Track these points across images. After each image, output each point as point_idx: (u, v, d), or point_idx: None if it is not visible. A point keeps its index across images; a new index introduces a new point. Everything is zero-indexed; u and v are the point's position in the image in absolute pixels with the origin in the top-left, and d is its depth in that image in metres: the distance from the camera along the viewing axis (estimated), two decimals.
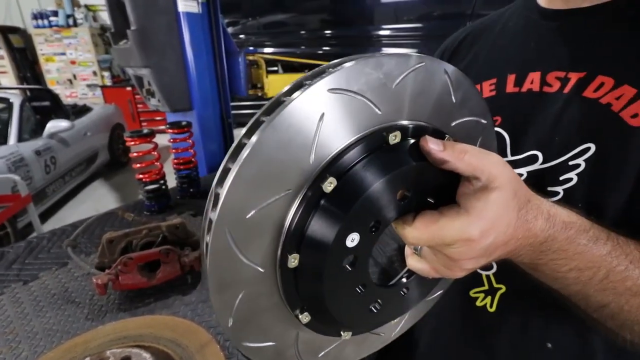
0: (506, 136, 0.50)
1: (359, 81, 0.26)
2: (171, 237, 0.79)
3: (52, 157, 3.07)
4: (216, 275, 0.27)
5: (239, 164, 0.24)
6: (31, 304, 0.71)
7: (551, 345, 0.49)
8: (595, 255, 0.33)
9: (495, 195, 0.28)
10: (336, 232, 0.27)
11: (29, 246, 0.93)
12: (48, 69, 6.27)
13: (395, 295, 0.36)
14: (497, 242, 0.29)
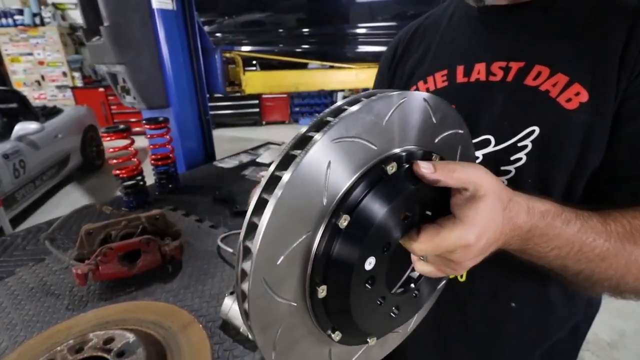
0: None
1: (355, 127, 0.30)
2: (151, 228, 0.80)
3: (21, 161, 2.95)
4: (258, 318, 0.30)
5: (266, 220, 0.27)
6: (8, 298, 0.71)
7: (515, 304, 0.55)
8: (570, 234, 0.38)
9: (483, 203, 0.33)
10: (356, 260, 0.30)
11: (3, 244, 0.91)
12: (14, 69, 5.99)
13: (409, 298, 0.40)
14: (490, 241, 0.34)
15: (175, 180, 1.29)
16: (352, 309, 0.33)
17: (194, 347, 0.55)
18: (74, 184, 4.07)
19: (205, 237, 0.94)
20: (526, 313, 0.56)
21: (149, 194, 1.18)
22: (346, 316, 0.33)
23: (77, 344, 0.52)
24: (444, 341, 0.63)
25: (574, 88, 0.45)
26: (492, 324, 0.58)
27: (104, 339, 0.53)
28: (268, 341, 0.31)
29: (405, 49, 0.67)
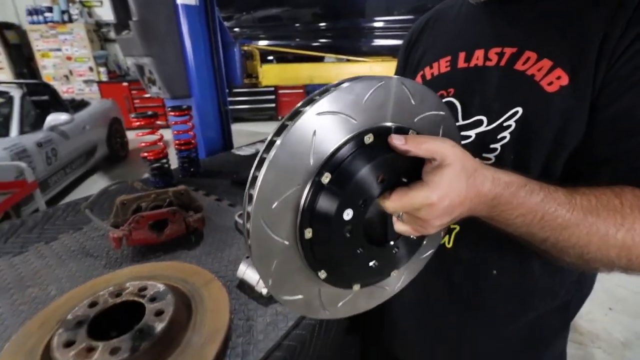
0: (458, 105, 0.60)
1: (338, 103, 0.37)
2: (176, 202, 0.89)
3: (53, 149, 3.15)
4: (257, 250, 0.37)
5: (263, 172, 0.34)
6: (54, 258, 0.81)
7: (496, 272, 0.59)
8: (533, 203, 0.42)
9: (447, 170, 0.38)
10: (335, 209, 0.37)
11: (46, 215, 1.02)
12: (44, 64, 6.30)
13: (388, 253, 0.46)
14: (453, 203, 0.38)
15: (196, 164, 1.38)
16: (333, 252, 0.40)
17: (214, 299, 0.63)
18: (100, 173, 4.28)
19: (224, 214, 1.02)
20: (507, 282, 0.60)
21: (173, 176, 1.28)
22: (328, 257, 0.40)
23: (116, 290, 0.61)
24: (429, 302, 0.68)
25: (556, 72, 0.49)
26: (475, 289, 0.62)
27: (138, 287, 0.61)
28: (266, 271, 0.38)
29: (417, 38, 0.72)
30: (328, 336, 0.69)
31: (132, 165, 4.68)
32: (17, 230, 0.94)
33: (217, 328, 0.57)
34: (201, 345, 0.54)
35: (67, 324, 0.54)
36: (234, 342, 0.58)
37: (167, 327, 0.53)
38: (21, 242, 0.89)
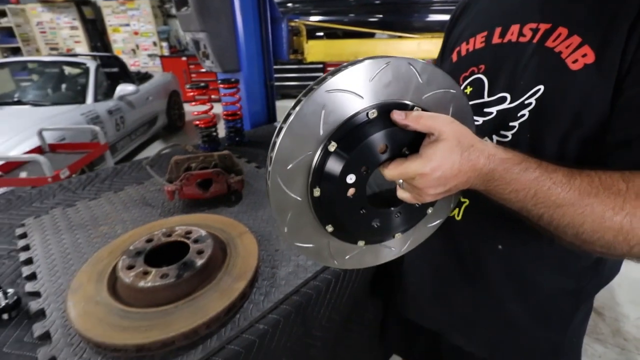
0: (485, 81, 0.60)
1: (346, 82, 0.42)
2: (220, 165, 1.00)
3: (121, 117, 3.50)
4: (275, 203, 0.44)
5: (280, 138, 0.41)
6: (121, 204, 0.97)
7: (501, 247, 0.61)
8: (526, 179, 0.43)
9: (442, 144, 0.41)
10: (339, 173, 0.43)
11: (115, 170, 1.20)
12: (115, 39, 6.86)
13: (391, 217, 0.51)
14: (446, 175, 0.41)
15: (241, 134, 1.49)
16: (337, 209, 0.45)
17: (246, 247, 0.73)
18: (159, 141, 4.67)
19: (262, 180, 1.12)
20: (511, 257, 0.61)
21: (220, 143, 1.40)
22: (334, 214, 0.46)
23: (168, 231, 0.73)
24: (441, 273, 0.72)
25: (583, 49, 0.48)
26: (481, 263, 0.64)
27: (185, 231, 0.73)
28: (282, 220, 0.45)
29: (461, 12, 0.73)
30: (343, 293, 0.76)
31: (187, 135, 5.04)
32: (93, 181, 1.12)
33: (246, 270, 0.67)
34: (231, 282, 0.64)
35: (129, 253, 0.66)
36: (259, 284, 0.68)
37: (205, 263, 0.64)
38: (96, 190, 1.07)
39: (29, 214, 0.94)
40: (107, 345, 0.52)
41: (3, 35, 6.88)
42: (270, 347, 0.61)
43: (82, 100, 3.25)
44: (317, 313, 0.70)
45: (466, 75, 0.64)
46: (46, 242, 0.80)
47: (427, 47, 1.94)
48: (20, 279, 0.71)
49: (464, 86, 0.64)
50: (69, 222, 0.88)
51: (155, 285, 0.59)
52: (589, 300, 0.68)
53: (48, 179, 1.74)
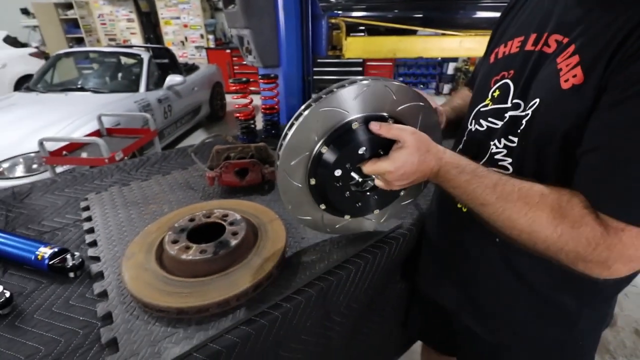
0: (511, 87, 0.62)
1: (335, 101, 0.57)
2: (257, 155, 1.07)
3: (169, 106, 3.74)
4: (282, 188, 0.63)
5: (285, 143, 0.58)
6: (168, 186, 1.07)
7: (499, 240, 0.64)
8: (460, 180, 0.55)
9: (405, 150, 0.55)
10: (329, 168, 0.59)
11: (163, 155, 1.32)
12: (166, 31, 7.25)
13: (370, 198, 0.68)
14: (408, 172, 0.55)
15: (277, 127, 1.56)
16: (328, 194, 0.63)
17: (275, 233, 0.80)
18: (202, 130, 4.92)
19: None
20: (508, 250, 0.63)
21: (257, 135, 1.48)
22: (326, 197, 0.64)
23: (207, 213, 0.81)
24: (447, 253, 0.78)
25: (575, 70, 0.49)
26: (482, 251, 0.68)
27: (222, 214, 0.80)
28: (287, 199, 0.65)
29: (509, 11, 0.73)
30: (363, 284, 0.80)
31: (227, 125, 5.27)
32: (145, 164, 1.25)
33: (274, 253, 0.73)
34: (261, 262, 0.71)
35: (174, 229, 0.75)
36: (285, 266, 0.74)
37: (239, 243, 0.71)
38: (147, 172, 1.19)
39: (91, 189, 1.07)
40: (153, 306, 0.61)
41: (69, 26, 7.53)
42: (292, 325, 0.67)
43: (136, 88, 3.50)
44: (336, 299, 0.75)
45: (497, 78, 0.65)
46: (105, 215, 0.92)
47: (469, 45, 1.88)
48: (83, 245, 0.82)
49: (494, 90, 0.65)
50: (124, 199, 1.00)
51: (195, 259, 0.67)
52: (597, 305, 0.67)
53: (105, 160, 1.94)
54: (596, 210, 0.46)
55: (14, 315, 0.63)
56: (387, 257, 0.83)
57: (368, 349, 0.97)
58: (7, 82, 5.07)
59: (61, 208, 0.98)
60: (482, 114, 0.67)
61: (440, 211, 0.81)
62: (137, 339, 0.58)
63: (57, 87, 3.59)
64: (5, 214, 0.94)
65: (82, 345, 0.58)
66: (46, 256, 0.71)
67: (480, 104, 0.68)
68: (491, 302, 0.71)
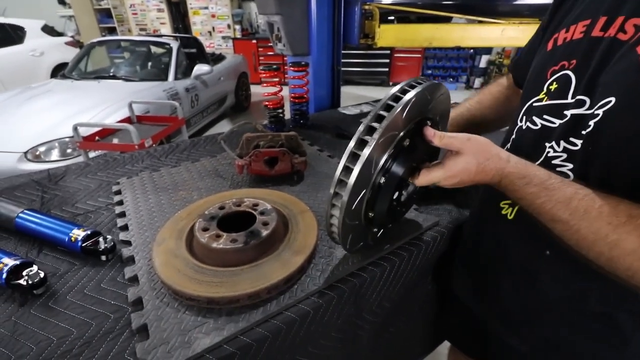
0: (573, 79, 0.54)
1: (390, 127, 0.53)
2: (287, 144, 1.04)
3: (196, 95, 3.78)
4: (342, 234, 0.59)
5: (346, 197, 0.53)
6: (197, 173, 1.06)
7: (549, 252, 0.58)
8: (525, 192, 0.51)
9: (461, 158, 0.53)
10: (388, 195, 0.59)
11: (192, 142, 1.31)
12: (194, 21, 7.34)
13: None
14: (464, 180, 0.54)
15: (305, 117, 1.53)
16: (386, 218, 0.65)
17: (307, 225, 0.76)
18: (227, 119, 4.97)
19: (323, 162, 1.15)
20: (558, 264, 0.57)
21: (285, 124, 1.45)
22: (382, 222, 0.66)
23: (237, 202, 0.79)
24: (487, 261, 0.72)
25: None
26: (528, 263, 0.62)
27: (253, 203, 0.78)
28: (345, 242, 0.62)
29: None
30: (397, 282, 0.76)
31: (252, 116, 5.30)
32: (174, 151, 1.25)
33: (305, 246, 0.70)
34: (291, 255, 0.68)
35: (205, 216, 0.73)
36: (317, 261, 0.71)
37: (269, 234, 0.69)
38: (176, 159, 1.19)
39: (123, 174, 1.08)
40: (184, 294, 0.59)
41: (102, 16, 7.76)
42: (323, 321, 0.64)
43: (165, 77, 3.56)
44: (369, 297, 0.72)
45: (555, 69, 0.57)
46: (136, 200, 0.92)
47: (512, 34, 1.76)
48: (115, 229, 0.82)
49: (550, 82, 0.58)
50: (154, 184, 0.99)
51: (225, 248, 0.65)
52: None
53: (135, 146, 1.97)
54: None
55: (47, 296, 0.63)
56: (424, 255, 0.78)
57: (394, 348, 0.93)
58: (45, 70, 5.28)
59: (94, 191, 0.99)
60: (535, 109, 0.60)
61: (483, 215, 0.74)
62: (167, 327, 0.56)
63: (91, 74, 3.70)
64: (41, 194, 0.96)
65: (113, 329, 0.57)
66: (79, 238, 0.71)
67: (533, 97, 0.61)
68: (533, 317, 0.66)
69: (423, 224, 0.82)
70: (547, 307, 0.63)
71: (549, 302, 0.62)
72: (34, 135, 2.43)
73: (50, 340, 0.55)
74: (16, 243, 0.77)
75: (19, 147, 2.36)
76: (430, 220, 0.83)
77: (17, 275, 0.63)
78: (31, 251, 0.75)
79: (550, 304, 0.62)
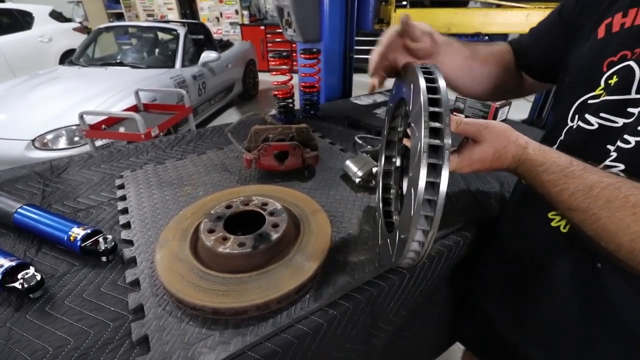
0: (637, 71, 0.47)
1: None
2: (297, 137, 0.98)
3: (203, 82, 3.72)
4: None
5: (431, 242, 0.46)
6: (203, 166, 1.01)
7: (600, 265, 0.52)
8: (542, 180, 0.49)
9: (477, 148, 0.51)
10: None
11: (199, 134, 1.26)
12: (202, 7, 7.21)
13: None
14: (479, 168, 0.52)
15: (316, 108, 1.46)
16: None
17: (319, 226, 0.71)
18: (234, 108, 4.91)
19: (335, 156, 1.09)
20: (609, 279, 0.52)
21: (295, 115, 1.39)
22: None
23: (245, 200, 0.73)
24: (518, 273, 0.68)
25: None
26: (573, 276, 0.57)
27: (262, 202, 0.73)
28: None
29: None
30: (415, 290, 0.71)
31: (259, 104, 5.22)
32: (180, 142, 1.20)
33: (319, 251, 0.65)
34: (303, 260, 0.63)
35: (210, 216, 0.68)
36: (331, 267, 0.66)
37: (280, 237, 0.63)
38: (182, 151, 1.14)
39: (127, 167, 1.03)
40: (187, 303, 0.55)
41: (110, 2, 7.68)
42: (337, 333, 0.60)
43: (172, 64, 3.50)
44: (386, 306, 0.67)
45: (614, 60, 0.50)
46: (139, 195, 0.87)
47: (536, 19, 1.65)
48: (117, 226, 0.78)
49: (609, 75, 0.50)
50: (159, 178, 0.95)
51: (233, 253, 0.60)
52: None
53: (142, 135, 1.93)
54: None
55: (44, 300, 0.60)
56: (445, 260, 0.73)
57: (406, 351, 0.89)
58: (53, 56, 5.26)
59: (96, 185, 0.94)
60: (590, 107, 0.53)
61: (527, 226, 0.67)
62: (170, 339, 0.52)
63: (98, 61, 3.66)
64: (42, 188, 0.92)
65: (112, 340, 0.53)
66: (79, 237, 0.67)
67: (588, 94, 0.53)
68: (570, 336, 0.60)
69: (447, 227, 0.76)
70: (587, 325, 0.57)
71: (580, 317, 0.57)
72: (42, 123, 2.40)
73: (46, 350, 0.51)
74: (15, 240, 0.74)
75: (26, 134, 2.34)
76: (455, 225, 0.77)
77: (13, 276, 0.60)
78: (29, 249, 0.71)
79: (579, 319, 0.58)
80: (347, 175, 0.93)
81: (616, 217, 0.41)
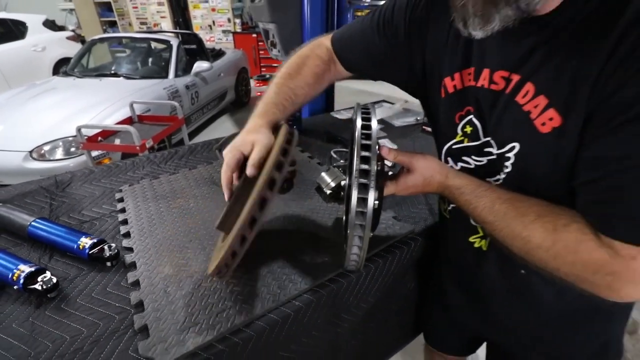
0: (478, 124, 0.60)
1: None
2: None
3: (196, 92, 3.83)
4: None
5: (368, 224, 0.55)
6: (194, 180, 1.14)
7: (524, 271, 0.64)
8: (462, 200, 0.59)
9: (410, 176, 0.63)
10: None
11: (190, 149, 1.39)
12: (194, 15, 7.33)
13: None
14: (412, 192, 0.65)
15: (299, 122, 1.60)
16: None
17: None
18: (227, 115, 5.02)
19: (312, 170, 1.22)
20: (533, 281, 0.64)
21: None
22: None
23: None
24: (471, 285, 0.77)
25: (549, 112, 0.48)
26: (509, 282, 0.68)
27: None
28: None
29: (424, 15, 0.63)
30: (372, 286, 0.84)
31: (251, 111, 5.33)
32: (173, 157, 1.32)
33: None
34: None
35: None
36: (298, 267, 0.79)
37: None
38: (175, 165, 1.26)
39: (125, 181, 1.15)
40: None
41: (103, 10, 7.76)
42: (303, 322, 0.73)
43: (165, 75, 3.61)
44: (346, 300, 0.80)
45: (462, 114, 0.62)
46: (137, 208, 0.99)
47: None
48: (118, 235, 0.90)
49: (463, 125, 0.63)
50: (154, 192, 1.07)
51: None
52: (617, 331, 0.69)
53: (137, 147, 2.04)
54: (601, 235, 0.45)
55: (60, 299, 0.72)
56: (398, 261, 0.86)
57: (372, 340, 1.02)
58: (47, 65, 5.34)
59: (98, 198, 1.07)
60: (457, 151, 0.65)
61: (458, 248, 0.77)
62: (165, 327, 0.64)
63: (92, 72, 3.76)
64: (49, 202, 1.04)
65: (118, 329, 0.65)
66: (87, 246, 0.79)
67: (449, 142, 0.66)
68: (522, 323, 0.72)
69: (399, 232, 0.90)
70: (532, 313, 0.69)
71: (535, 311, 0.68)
72: (39, 134, 2.50)
73: (64, 338, 0.64)
74: (29, 249, 0.86)
75: (24, 146, 2.43)
76: (406, 229, 0.90)
77: (32, 280, 0.72)
78: (43, 257, 0.83)
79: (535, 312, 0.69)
80: (320, 187, 1.07)
81: (512, 226, 0.51)
